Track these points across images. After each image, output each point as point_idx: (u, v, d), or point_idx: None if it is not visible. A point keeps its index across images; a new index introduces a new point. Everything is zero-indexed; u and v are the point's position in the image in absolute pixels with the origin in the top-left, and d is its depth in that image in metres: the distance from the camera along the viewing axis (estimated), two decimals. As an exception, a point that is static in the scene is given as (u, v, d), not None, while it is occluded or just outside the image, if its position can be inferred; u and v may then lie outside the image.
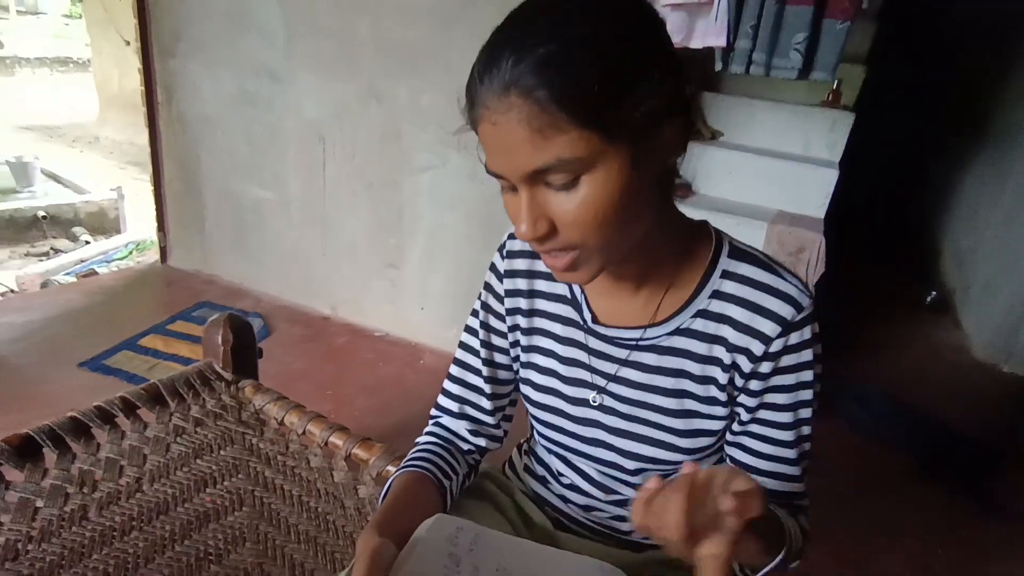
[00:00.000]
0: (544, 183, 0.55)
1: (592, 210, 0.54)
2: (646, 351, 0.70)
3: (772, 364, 0.65)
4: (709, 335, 0.67)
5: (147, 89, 2.88)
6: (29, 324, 2.50)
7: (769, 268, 0.66)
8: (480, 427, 0.83)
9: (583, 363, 0.73)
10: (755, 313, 0.64)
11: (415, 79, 2.33)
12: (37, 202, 5.57)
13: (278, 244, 2.89)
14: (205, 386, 1.37)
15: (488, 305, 0.80)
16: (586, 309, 0.73)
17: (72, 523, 1.02)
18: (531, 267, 0.77)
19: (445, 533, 0.61)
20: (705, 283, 0.67)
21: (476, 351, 0.81)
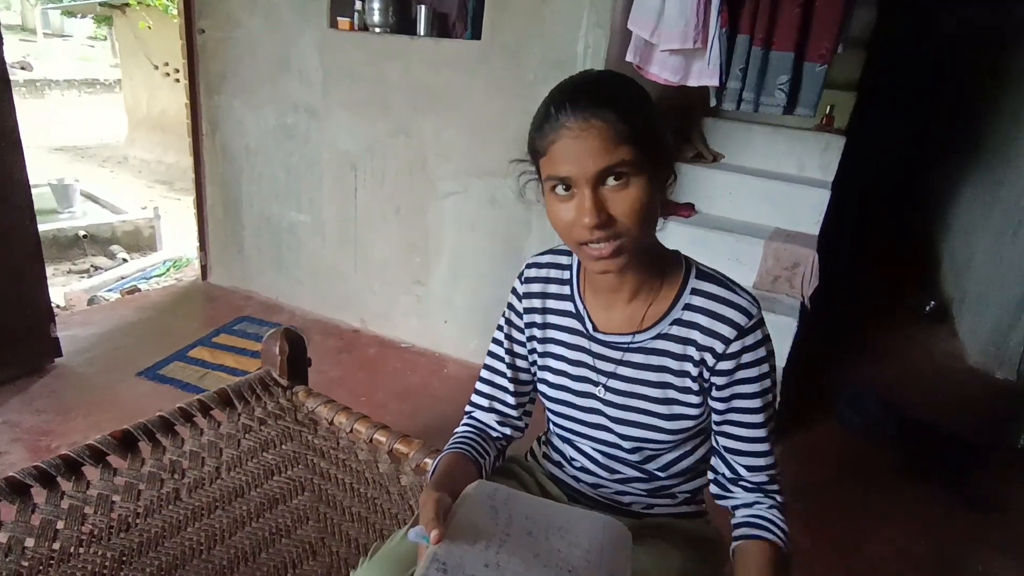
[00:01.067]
0: (603, 184, 0.74)
1: (639, 204, 0.74)
2: (635, 352, 0.89)
3: (734, 361, 0.83)
4: (682, 338, 0.86)
5: (192, 122, 3.14)
6: (90, 337, 2.75)
7: (726, 286, 0.86)
8: (506, 419, 1.03)
9: (587, 364, 0.92)
10: (715, 320, 0.84)
11: (439, 117, 2.57)
12: (77, 222, 5.89)
13: (313, 263, 3.13)
14: (265, 391, 1.58)
15: (511, 321, 1.00)
16: (588, 320, 0.92)
17: (168, 503, 1.24)
18: (544, 290, 0.96)
19: (486, 491, 0.78)
20: (679, 298, 0.86)
21: (502, 358, 1.01)
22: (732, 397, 0.86)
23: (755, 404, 0.86)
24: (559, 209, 0.78)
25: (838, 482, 2.23)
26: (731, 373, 0.85)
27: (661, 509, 1.00)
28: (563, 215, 0.77)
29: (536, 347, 0.98)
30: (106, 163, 9.94)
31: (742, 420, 0.87)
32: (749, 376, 0.85)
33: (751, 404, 0.86)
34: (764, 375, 0.85)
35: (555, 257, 0.98)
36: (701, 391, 0.87)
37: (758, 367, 0.85)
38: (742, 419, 0.87)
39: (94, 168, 9.51)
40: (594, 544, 0.75)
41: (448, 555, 0.67)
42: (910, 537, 1.99)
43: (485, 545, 0.70)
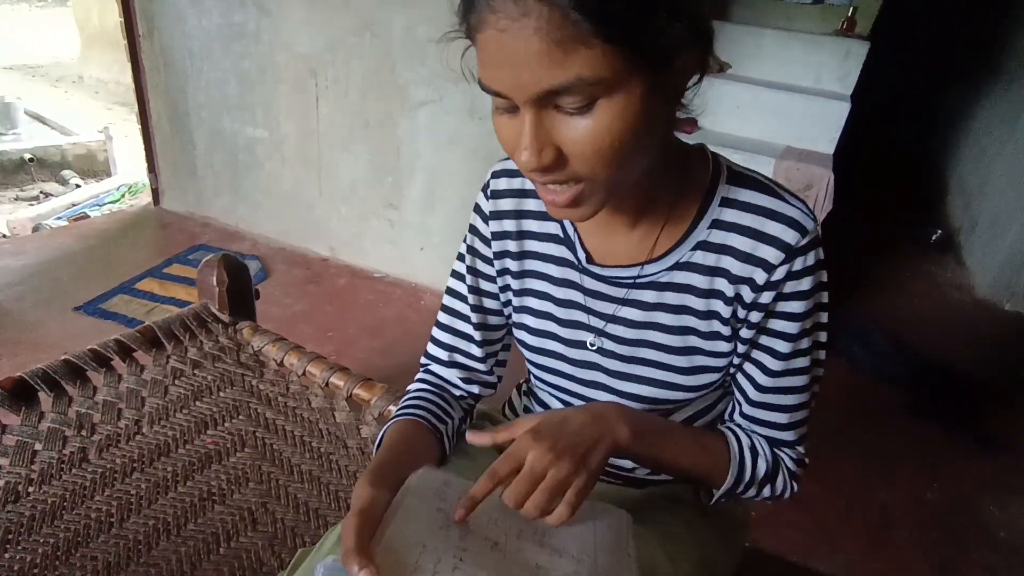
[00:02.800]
0: (554, 106, 0.48)
1: (608, 139, 0.48)
2: (644, 288, 0.66)
3: (774, 292, 0.61)
4: (710, 267, 0.63)
5: (127, 21, 2.75)
6: (23, 269, 2.47)
7: (771, 191, 0.61)
8: (472, 374, 0.81)
9: (579, 304, 0.70)
10: (757, 240, 0.60)
11: (411, 9, 2.22)
12: (23, 144, 5.44)
13: (273, 185, 2.83)
14: (202, 328, 1.34)
15: (474, 249, 0.76)
16: (580, 248, 0.69)
17: (72, 465, 1.02)
18: (519, 207, 0.72)
19: (433, 485, 0.59)
20: (704, 213, 0.63)
21: (464, 297, 0.78)
22: (761, 332, 0.64)
23: (785, 347, 0.64)
24: (501, 125, 0.53)
25: (846, 423, 2.08)
26: (767, 307, 0.62)
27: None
28: (504, 133, 0.53)
29: (510, 283, 0.75)
30: (59, 83, 9.27)
31: (766, 364, 0.65)
32: (790, 311, 0.63)
33: (781, 346, 0.64)
34: (809, 312, 0.63)
35: None
36: (733, 335, 0.65)
37: (803, 301, 0.62)
38: (766, 362, 0.65)
39: (47, 88, 8.87)
40: (585, 550, 0.55)
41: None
42: (922, 480, 1.87)
43: (432, 570, 0.50)
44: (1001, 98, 3.54)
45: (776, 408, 0.67)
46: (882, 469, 1.90)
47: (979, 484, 1.89)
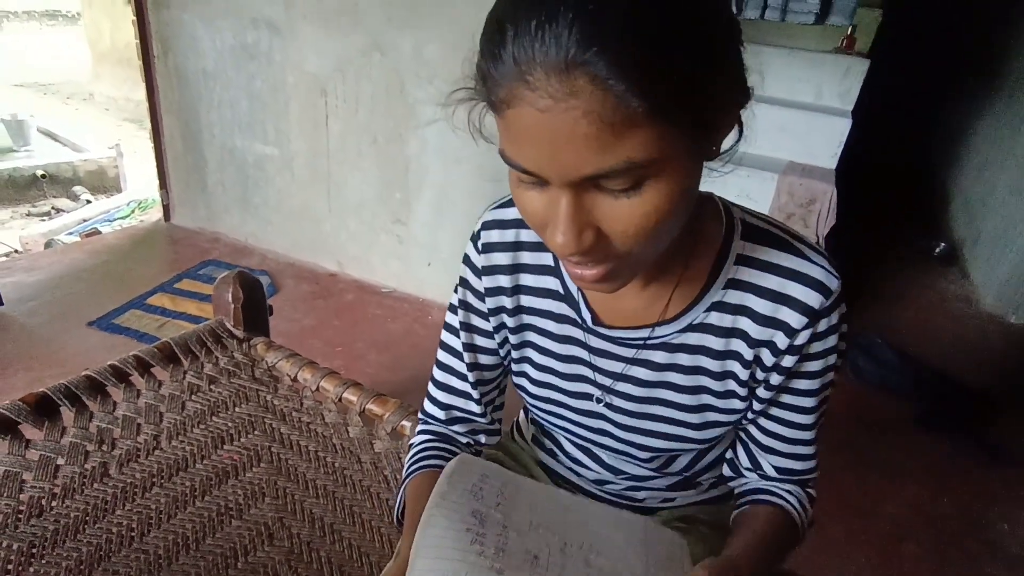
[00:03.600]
0: (597, 186, 0.43)
1: (655, 218, 0.44)
2: (655, 350, 0.63)
3: (797, 356, 0.59)
4: (726, 329, 0.60)
5: (142, 42, 2.80)
6: (37, 284, 2.51)
7: (790, 248, 0.58)
8: (474, 426, 0.77)
9: (584, 360, 0.66)
10: (778, 303, 0.57)
11: (419, 30, 2.26)
12: (35, 161, 5.51)
13: (283, 201, 2.86)
14: (217, 344, 1.37)
15: (468, 303, 0.71)
16: (585, 309, 0.64)
17: (94, 480, 1.04)
18: (514, 260, 0.66)
19: (468, 484, 0.55)
20: (718, 272, 0.59)
21: (459, 353, 0.73)
22: (783, 391, 0.63)
23: (809, 403, 0.64)
24: (525, 198, 0.48)
25: (853, 437, 2.08)
26: (789, 369, 0.61)
27: (683, 500, 0.79)
28: (529, 207, 0.48)
29: (509, 337, 0.70)
30: (71, 100, 9.41)
31: (789, 419, 0.65)
32: (812, 370, 0.61)
33: (803, 402, 0.64)
34: (830, 367, 0.62)
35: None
36: (749, 394, 0.64)
37: (824, 359, 0.61)
38: (789, 417, 0.65)
39: (58, 105, 8.99)
40: (637, 566, 0.52)
41: None
42: (931, 494, 1.86)
43: None
44: (1003, 111, 3.55)
45: (804, 457, 0.68)
46: (890, 483, 1.90)
47: (988, 497, 1.88)
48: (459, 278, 0.71)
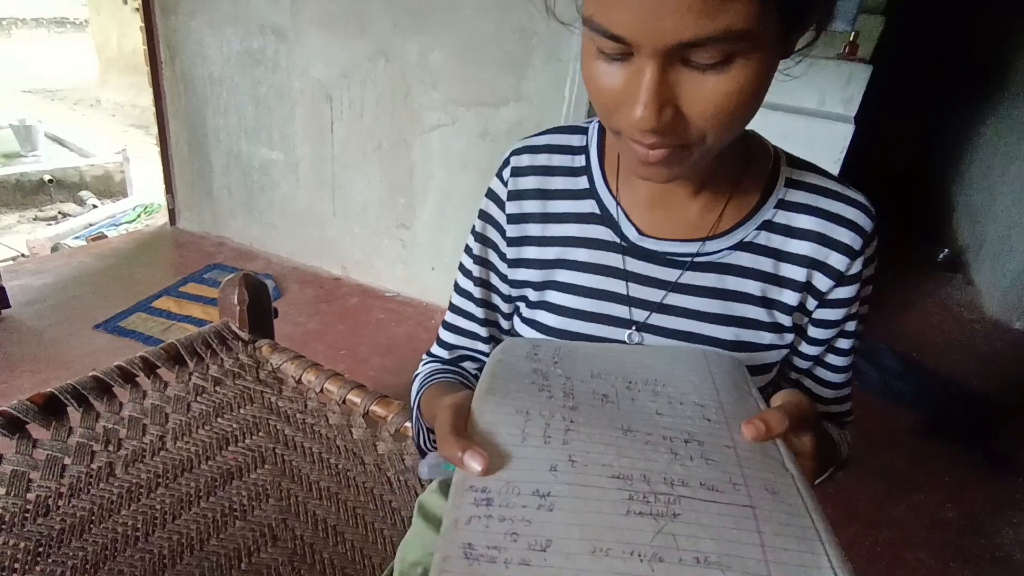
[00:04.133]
0: (682, 59, 0.42)
1: (737, 100, 0.43)
2: (702, 271, 0.59)
3: (855, 287, 0.59)
4: (775, 250, 0.58)
5: (150, 48, 2.83)
6: (44, 287, 2.52)
7: (831, 177, 0.59)
8: (481, 363, 0.75)
9: (619, 295, 0.60)
10: (833, 223, 0.57)
11: (425, 36, 2.28)
12: (42, 166, 5.55)
13: (287, 206, 2.88)
14: (222, 346, 1.37)
15: (486, 239, 0.68)
16: (627, 223, 0.60)
17: (100, 480, 1.04)
18: (543, 185, 0.63)
19: (523, 352, 0.53)
20: (770, 191, 0.58)
21: (470, 293, 0.71)
22: (838, 336, 0.62)
23: (850, 344, 0.63)
24: (601, 73, 0.45)
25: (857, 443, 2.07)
26: (848, 304, 0.60)
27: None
28: (606, 83, 0.45)
29: (528, 276, 0.65)
30: (77, 106, 9.47)
31: (835, 363, 0.65)
32: (857, 312, 0.61)
33: (847, 344, 0.63)
34: (867, 299, 0.63)
35: (558, 137, 0.64)
36: (794, 328, 0.61)
37: (869, 285, 0.61)
38: (835, 362, 0.65)
39: (65, 111, 9.05)
40: (706, 394, 0.49)
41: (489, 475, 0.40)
42: (935, 501, 1.86)
43: (543, 436, 0.43)
44: (1006, 117, 3.56)
45: (843, 400, 0.69)
46: (895, 490, 1.89)
47: (993, 504, 1.88)
48: (479, 212, 0.68)
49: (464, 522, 0.37)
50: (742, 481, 0.41)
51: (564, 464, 0.41)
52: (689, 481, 0.40)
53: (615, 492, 0.39)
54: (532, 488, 0.39)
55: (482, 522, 0.37)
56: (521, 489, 0.39)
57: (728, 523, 0.38)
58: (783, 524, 0.39)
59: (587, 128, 0.64)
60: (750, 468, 0.42)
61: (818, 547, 0.38)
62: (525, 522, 0.37)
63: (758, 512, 0.39)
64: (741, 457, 0.43)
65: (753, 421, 0.45)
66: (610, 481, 0.39)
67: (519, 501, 0.38)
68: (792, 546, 0.38)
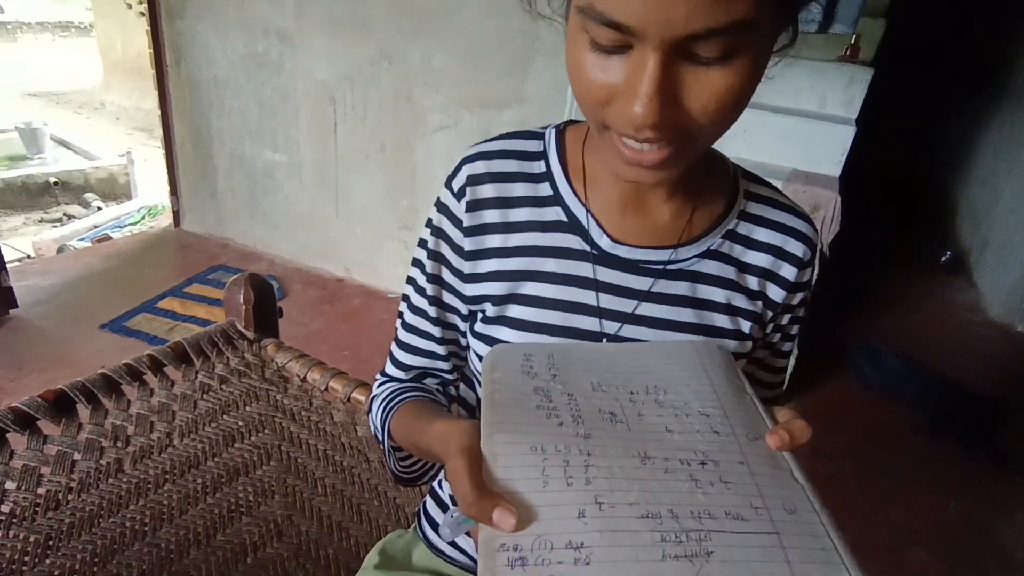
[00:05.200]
0: (687, 53, 0.41)
1: (736, 94, 0.42)
2: (674, 279, 0.58)
3: (801, 295, 0.62)
4: (735, 259, 0.60)
5: (155, 51, 2.85)
6: (51, 288, 2.54)
7: (776, 190, 0.62)
8: (443, 379, 0.71)
9: (588, 306, 0.58)
10: (786, 235, 0.59)
11: (428, 40, 2.30)
12: (48, 168, 5.59)
13: (291, 207, 2.90)
14: (228, 345, 1.39)
15: (439, 254, 0.63)
16: (597, 230, 0.58)
17: (108, 475, 1.06)
18: (503, 192, 0.59)
19: (516, 365, 0.51)
20: (732, 202, 0.60)
21: (424, 312, 0.66)
22: (782, 340, 0.66)
23: (790, 346, 0.68)
24: (591, 65, 0.43)
25: (858, 443, 2.09)
26: (795, 309, 0.64)
27: None
28: (599, 76, 0.43)
29: (489, 291, 0.61)
30: (82, 109, 9.52)
31: (775, 364, 0.69)
32: (800, 315, 0.65)
33: (788, 345, 0.68)
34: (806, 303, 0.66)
35: (512, 143, 0.61)
36: (751, 336, 0.61)
37: (809, 293, 0.65)
38: (775, 363, 0.69)
39: (69, 114, 9.10)
40: (706, 399, 0.49)
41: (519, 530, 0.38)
42: (937, 500, 1.86)
43: (564, 477, 0.40)
44: (1009, 119, 3.56)
45: (779, 397, 0.71)
46: (896, 489, 1.90)
47: (994, 504, 1.88)
48: (428, 226, 0.64)
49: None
50: (762, 504, 0.41)
51: (592, 508, 0.39)
52: (714, 512, 0.39)
53: (647, 535, 0.38)
54: (564, 540, 0.37)
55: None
56: (554, 543, 0.37)
57: (758, 555, 0.38)
58: (807, 549, 0.39)
59: (542, 133, 0.62)
60: (766, 487, 0.42)
61: (843, 571, 0.40)
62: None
63: (783, 539, 0.39)
64: (755, 474, 0.43)
65: (778, 431, 0.45)
66: (639, 522, 0.38)
67: (554, 557, 0.36)
68: (819, 573, 0.38)
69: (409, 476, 0.74)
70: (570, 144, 0.61)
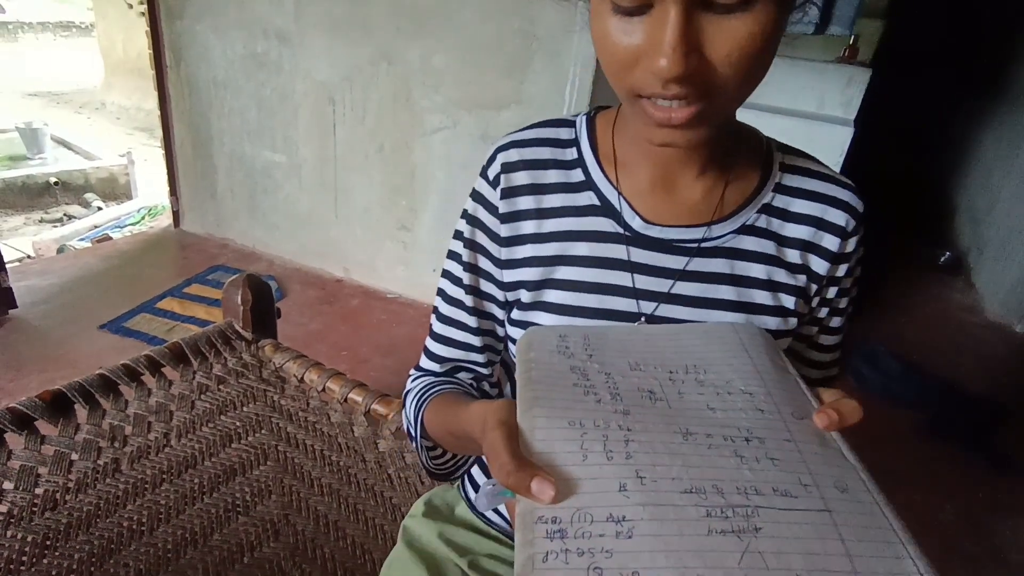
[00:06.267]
0: (706, 3, 0.42)
1: (759, 44, 0.43)
2: (709, 256, 0.58)
3: (847, 266, 0.61)
4: (774, 233, 0.59)
5: (155, 52, 2.86)
6: (50, 288, 2.55)
7: (818, 161, 0.61)
8: (477, 374, 0.71)
9: (624, 287, 0.58)
10: (826, 204, 0.59)
11: (427, 40, 2.30)
12: (48, 168, 5.59)
13: (290, 207, 2.90)
14: (226, 345, 1.39)
15: (475, 243, 0.64)
16: (629, 212, 0.58)
17: (106, 475, 1.06)
18: (537, 179, 0.61)
19: (552, 345, 0.51)
20: (766, 176, 0.59)
21: (461, 302, 0.67)
22: (830, 315, 0.65)
23: (841, 321, 0.66)
24: (615, 30, 0.44)
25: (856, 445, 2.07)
26: (841, 281, 0.62)
27: None
28: (623, 40, 0.44)
29: (524, 276, 0.62)
30: (83, 109, 9.52)
31: (825, 343, 0.67)
32: (849, 287, 0.64)
33: (838, 321, 0.66)
34: (858, 279, 0.66)
35: (545, 131, 0.62)
36: (797, 313, 0.60)
37: (859, 266, 0.64)
38: (826, 341, 0.67)
39: (70, 114, 9.11)
40: (749, 378, 0.47)
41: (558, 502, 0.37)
42: (934, 502, 1.86)
43: (604, 451, 0.40)
44: (1009, 119, 3.56)
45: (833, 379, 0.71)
46: (894, 491, 1.85)
47: (992, 506, 1.88)
48: (463, 216, 0.65)
49: (541, 560, 0.34)
50: (812, 481, 0.39)
51: (633, 482, 0.38)
52: (761, 488, 0.38)
53: (692, 509, 0.36)
54: (605, 513, 0.36)
55: (560, 558, 0.34)
56: (594, 516, 0.36)
57: (810, 533, 0.36)
58: (862, 527, 0.38)
59: (574, 121, 0.63)
60: (815, 464, 0.41)
61: (901, 550, 0.37)
62: (606, 553, 0.34)
63: (836, 516, 0.38)
64: (803, 452, 0.42)
65: (825, 411, 0.45)
66: (683, 497, 0.37)
67: (595, 529, 0.35)
68: (876, 552, 0.36)
69: (442, 472, 0.75)
70: (600, 130, 0.61)
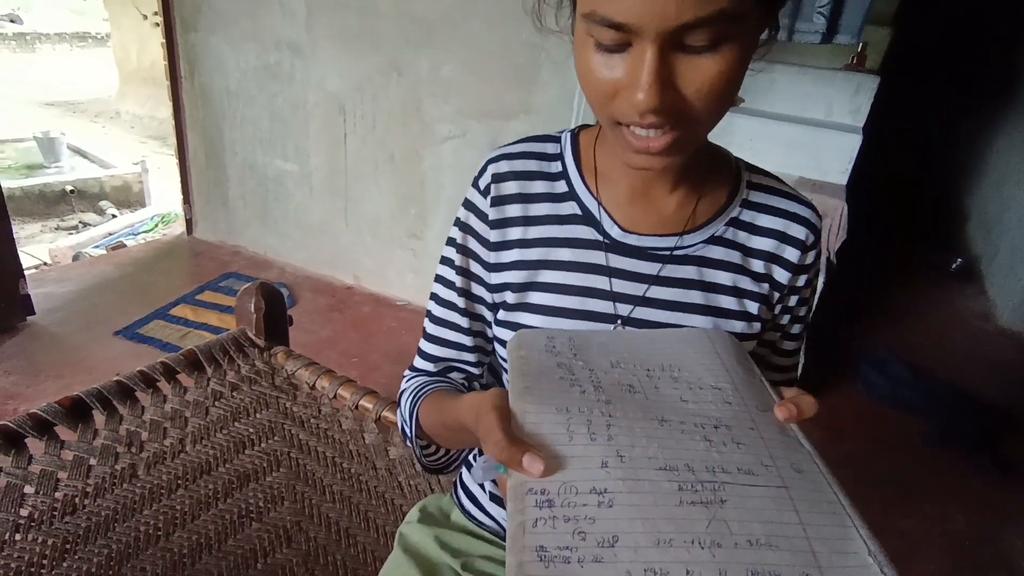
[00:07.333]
0: (679, 45, 0.46)
1: (727, 79, 0.47)
2: (682, 263, 0.63)
3: (807, 276, 0.66)
4: (740, 244, 0.64)
5: (170, 63, 2.91)
6: (67, 295, 2.59)
7: (778, 179, 0.67)
8: (468, 374, 0.75)
9: (602, 291, 0.63)
10: (789, 220, 0.64)
11: (436, 51, 2.33)
12: (65, 177, 5.67)
13: (301, 216, 2.94)
14: (239, 352, 1.41)
15: (467, 249, 0.68)
16: (608, 221, 0.63)
17: (123, 480, 1.08)
18: (524, 189, 0.66)
19: (540, 345, 0.55)
20: (735, 192, 0.64)
21: (453, 305, 0.70)
22: (792, 322, 0.69)
23: (800, 328, 0.70)
24: (598, 65, 0.49)
25: (866, 452, 2.08)
26: (802, 291, 0.67)
27: None
28: (605, 74, 0.49)
29: (510, 279, 0.66)
30: (98, 118, 9.66)
31: (786, 347, 0.72)
32: (807, 296, 0.69)
33: (798, 328, 0.70)
34: (814, 289, 0.71)
35: (533, 145, 0.67)
36: (760, 319, 0.65)
37: (816, 276, 0.69)
38: (787, 346, 0.71)
39: (86, 123, 9.24)
40: (719, 376, 0.52)
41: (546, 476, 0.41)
42: (945, 510, 1.85)
43: (588, 433, 0.45)
44: (1019, 125, 3.54)
45: (792, 381, 0.73)
46: (903, 499, 1.89)
47: (1002, 514, 1.87)
48: (456, 223, 0.69)
49: (531, 525, 0.38)
50: (772, 463, 0.44)
51: (613, 460, 0.42)
52: (727, 467, 0.43)
53: (666, 484, 0.41)
54: (589, 486, 0.40)
55: (548, 524, 0.38)
56: (579, 488, 0.40)
57: (769, 505, 0.41)
58: (815, 502, 0.43)
59: (559, 137, 0.68)
60: (775, 448, 0.46)
61: (846, 520, 0.43)
62: (589, 520, 0.39)
63: (792, 492, 0.42)
64: (765, 438, 0.46)
65: (786, 404, 0.50)
66: (659, 473, 0.42)
67: (579, 500, 0.40)
68: (827, 522, 0.41)
69: (436, 466, 0.79)
70: (583, 145, 0.67)
